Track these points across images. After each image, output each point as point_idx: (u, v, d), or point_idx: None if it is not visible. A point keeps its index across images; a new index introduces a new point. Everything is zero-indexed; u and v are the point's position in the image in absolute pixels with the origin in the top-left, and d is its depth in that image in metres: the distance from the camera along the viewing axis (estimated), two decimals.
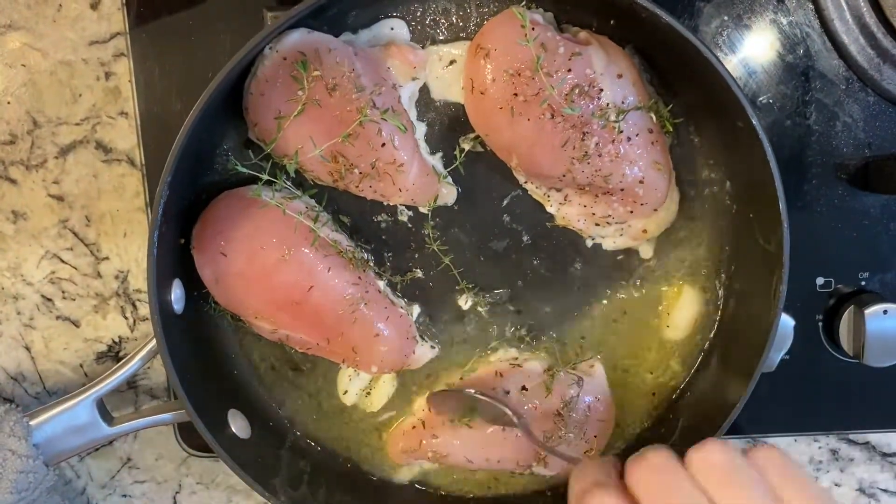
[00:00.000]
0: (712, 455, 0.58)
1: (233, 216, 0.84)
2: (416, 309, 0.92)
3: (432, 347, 0.93)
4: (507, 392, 0.89)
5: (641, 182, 0.86)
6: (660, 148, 0.87)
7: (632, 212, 0.88)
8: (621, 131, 0.83)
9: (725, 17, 0.91)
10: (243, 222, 0.83)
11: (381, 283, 0.90)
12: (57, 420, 0.84)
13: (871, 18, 0.89)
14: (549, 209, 0.91)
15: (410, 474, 0.96)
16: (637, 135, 0.84)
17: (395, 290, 0.92)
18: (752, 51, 0.92)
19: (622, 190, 0.86)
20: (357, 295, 0.86)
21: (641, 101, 0.85)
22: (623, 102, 0.83)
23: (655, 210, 0.89)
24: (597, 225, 0.90)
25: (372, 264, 0.91)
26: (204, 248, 0.85)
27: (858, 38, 0.90)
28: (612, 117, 0.83)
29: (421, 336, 0.92)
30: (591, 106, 0.82)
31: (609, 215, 0.89)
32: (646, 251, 0.93)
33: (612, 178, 0.85)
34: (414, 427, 0.93)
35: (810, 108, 0.93)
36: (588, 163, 0.84)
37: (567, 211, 0.90)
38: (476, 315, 0.93)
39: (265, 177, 0.83)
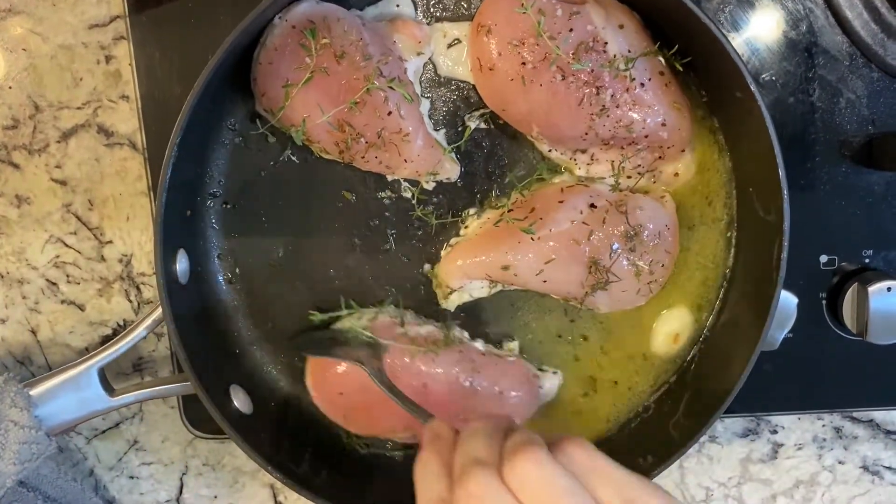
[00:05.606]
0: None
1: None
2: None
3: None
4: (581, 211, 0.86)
5: (664, 125, 0.85)
6: (675, 89, 0.86)
7: (660, 157, 0.88)
8: (633, 79, 0.83)
9: None
10: None
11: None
12: (58, 390, 0.84)
13: None
14: (577, 172, 0.90)
15: (459, 301, 0.93)
16: (650, 79, 0.84)
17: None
18: (754, 27, 0.91)
19: (647, 136, 0.85)
20: None
21: (647, 46, 0.84)
22: (629, 51, 0.83)
23: (683, 151, 0.88)
24: (629, 178, 0.89)
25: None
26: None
27: (862, 13, 0.89)
28: (622, 66, 0.82)
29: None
30: (599, 59, 0.82)
31: (639, 165, 0.88)
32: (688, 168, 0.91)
33: (634, 126, 0.84)
34: (472, 242, 0.90)
35: (813, 85, 0.92)
36: (608, 116, 0.84)
37: (597, 170, 0.89)
38: None
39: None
